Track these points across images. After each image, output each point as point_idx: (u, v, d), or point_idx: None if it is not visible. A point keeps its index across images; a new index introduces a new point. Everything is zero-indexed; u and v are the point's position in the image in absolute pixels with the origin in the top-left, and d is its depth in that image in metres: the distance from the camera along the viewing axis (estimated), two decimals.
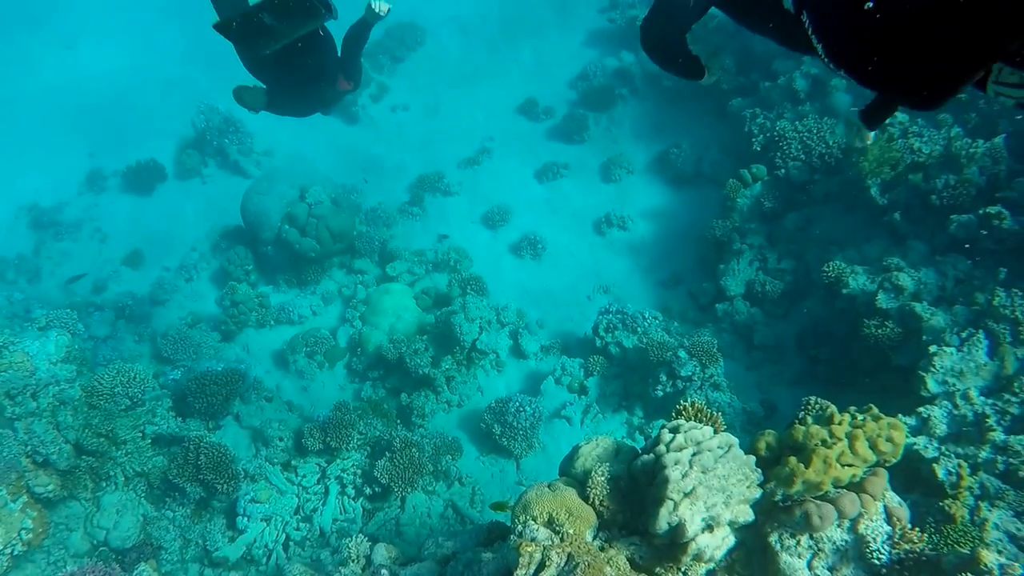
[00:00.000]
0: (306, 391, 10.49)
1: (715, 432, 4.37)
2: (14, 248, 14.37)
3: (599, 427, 9.34)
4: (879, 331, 7.62)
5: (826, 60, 2.51)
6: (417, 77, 16.61)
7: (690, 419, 4.69)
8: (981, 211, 7.69)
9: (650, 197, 12.68)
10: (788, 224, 10.16)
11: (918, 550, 3.94)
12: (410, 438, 8.71)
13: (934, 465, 5.60)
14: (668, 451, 4.18)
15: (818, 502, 4.04)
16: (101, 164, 15.81)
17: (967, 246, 7.77)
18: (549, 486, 4.59)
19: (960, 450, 5.96)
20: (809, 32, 2.53)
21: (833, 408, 4.30)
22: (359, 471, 8.62)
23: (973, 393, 6.23)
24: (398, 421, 9.70)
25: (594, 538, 4.38)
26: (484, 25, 17.19)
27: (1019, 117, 8.59)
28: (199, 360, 10.53)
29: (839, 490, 4.13)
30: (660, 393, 8.94)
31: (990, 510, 5.15)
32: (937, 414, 6.17)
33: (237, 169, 14.99)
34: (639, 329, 9.70)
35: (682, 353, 8.85)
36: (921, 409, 6.30)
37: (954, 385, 6.38)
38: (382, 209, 13.07)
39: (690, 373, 8.78)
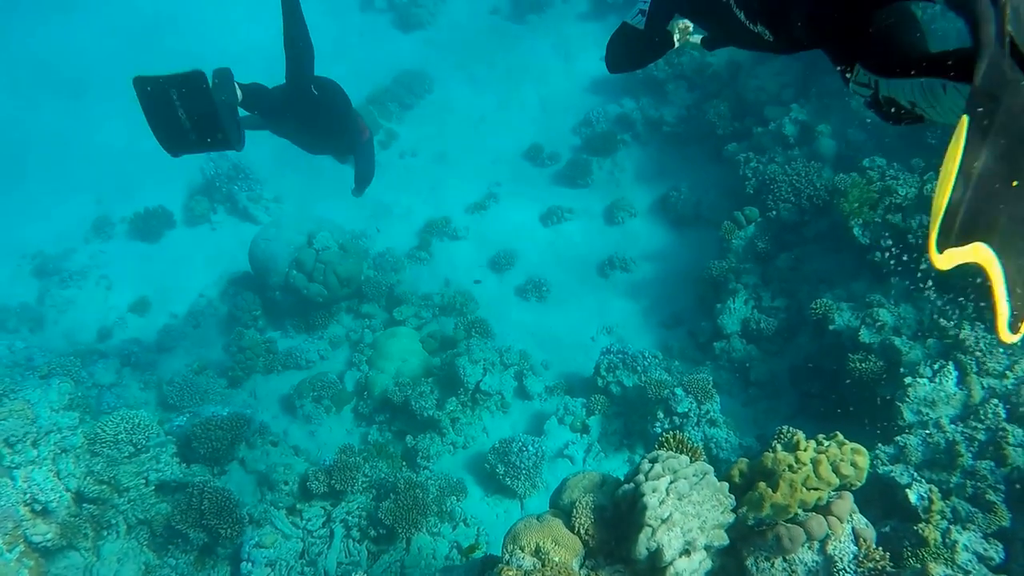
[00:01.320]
0: (313, 435, 10.48)
1: (692, 461, 4.53)
2: (17, 296, 14.21)
3: (601, 465, 9.39)
4: (863, 365, 7.79)
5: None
6: (425, 124, 16.77)
7: (672, 449, 4.85)
8: None
9: (652, 239, 12.88)
10: (780, 263, 10.36)
11: (880, 568, 4.09)
12: (414, 479, 8.76)
13: (907, 491, 5.76)
14: (647, 479, 4.34)
15: (788, 525, 4.20)
16: (108, 211, 15.76)
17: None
18: (537, 518, 4.74)
19: (934, 476, 6.14)
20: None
21: (800, 435, 4.46)
22: (364, 513, 8.62)
23: (944, 421, 6.43)
24: (403, 463, 9.75)
25: (581, 567, 4.52)
26: (491, 73, 17.42)
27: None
28: (205, 406, 10.41)
29: (808, 513, 4.29)
30: (658, 430, 9.03)
31: (961, 533, 5.29)
32: (912, 442, 6.35)
33: (246, 215, 15.11)
34: (639, 368, 9.84)
35: (678, 390, 9.01)
36: (898, 438, 6.49)
37: (927, 414, 6.57)
38: (390, 254, 13.24)
39: (686, 409, 8.92)
